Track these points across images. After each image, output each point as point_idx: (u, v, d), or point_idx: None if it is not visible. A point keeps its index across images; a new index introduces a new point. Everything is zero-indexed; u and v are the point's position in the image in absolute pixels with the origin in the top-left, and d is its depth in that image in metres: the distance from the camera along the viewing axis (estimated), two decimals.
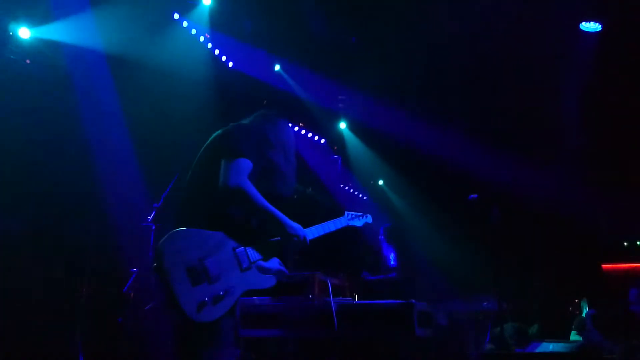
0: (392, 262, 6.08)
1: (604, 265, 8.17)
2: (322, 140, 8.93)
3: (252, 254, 2.65)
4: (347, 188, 9.71)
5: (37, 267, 4.83)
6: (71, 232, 5.13)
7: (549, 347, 4.86)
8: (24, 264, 4.72)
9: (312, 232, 2.90)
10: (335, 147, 9.04)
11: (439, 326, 4.84)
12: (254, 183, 2.63)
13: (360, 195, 10.10)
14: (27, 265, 4.75)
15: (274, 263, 2.73)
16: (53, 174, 5.05)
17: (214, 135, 2.87)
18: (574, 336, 5.15)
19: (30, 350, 4.54)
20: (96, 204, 5.40)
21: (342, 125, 9.01)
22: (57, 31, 4.86)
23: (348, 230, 3.36)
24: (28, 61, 4.48)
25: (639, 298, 4.71)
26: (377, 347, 3.93)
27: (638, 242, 8.86)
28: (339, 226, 3.15)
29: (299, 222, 2.80)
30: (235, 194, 2.55)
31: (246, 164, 2.63)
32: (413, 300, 3.73)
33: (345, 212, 3.29)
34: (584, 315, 5.07)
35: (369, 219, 3.41)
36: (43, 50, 4.84)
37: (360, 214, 3.37)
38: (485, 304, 5.27)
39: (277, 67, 7.45)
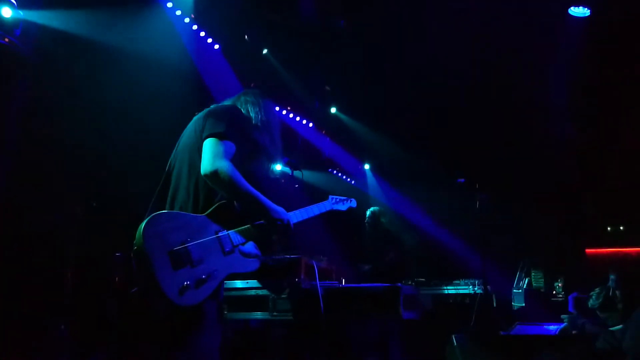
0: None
1: (587, 250, 8.28)
2: (310, 124, 8.88)
3: (235, 237, 2.62)
4: (334, 172, 9.69)
5: (20, 250, 4.76)
6: (55, 214, 5.06)
7: (532, 330, 4.92)
8: (5, 247, 4.64)
9: (296, 216, 2.88)
10: (324, 131, 9.00)
11: (425, 309, 4.87)
12: (239, 165, 2.59)
13: (348, 180, 10.10)
14: (10, 248, 4.68)
15: (250, 247, 2.71)
16: (36, 152, 4.97)
17: (197, 116, 2.82)
18: None
19: (14, 334, 4.49)
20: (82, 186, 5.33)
21: (332, 109, 8.97)
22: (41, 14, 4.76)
23: (336, 214, 3.36)
24: (7, 39, 4.36)
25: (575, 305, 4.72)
26: (363, 330, 3.95)
27: (621, 228, 8.96)
28: (323, 210, 3.15)
29: (283, 206, 2.77)
30: (218, 177, 2.51)
31: (230, 147, 2.59)
32: (399, 284, 3.74)
33: (330, 197, 3.28)
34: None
35: (353, 203, 3.41)
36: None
37: (344, 198, 3.37)
38: (471, 287, 5.32)
39: (264, 51, 7.35)
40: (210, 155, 2.53)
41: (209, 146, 2.56)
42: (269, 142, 2.84)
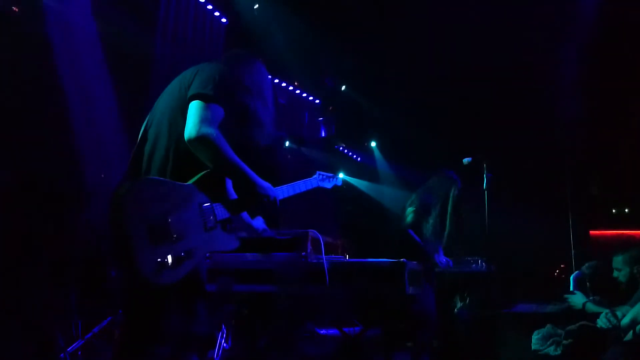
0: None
1: (592, 232, 8.31)
2: (317, 101, 8.84)
3: (219, 211, 2.40)
4: (341, 149, 9.68)
5: (25, 221, 4.81)
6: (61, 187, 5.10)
7: (534, 308, 4.97)
8: (12, 217, 4.68)
9: (282, 192, 2.72)
10: (331, 108, 8.96)
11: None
12: (227, 132, 2.34)
13: (355, 157, 10.09)
14: (16, 219, 4.72)
15: (259, 222, 2.62)
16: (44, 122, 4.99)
17: (182, 75, 2.51)
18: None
19: (22, 306, 4.55)
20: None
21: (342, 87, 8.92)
22: None
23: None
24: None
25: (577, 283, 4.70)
26: (367, 304, 3.99)
27: (626, 210, 8.97)
28: (310, 187, 3.02)
29: (284, 180, 2.67)
30: (202, 144, 2.25)
31: (218, 111, 2.32)
32: (404, 260, 3.77)
33: (317, 173, 3.15)
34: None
35: (338, 181, 3.30)
36: None
37: (331, 175, 3.24)
38: (474, 266, 5.35)
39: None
40: (196, 120, 2.26)
41: (194, 109, 2.29)
42: (260, 106, 2.54)
